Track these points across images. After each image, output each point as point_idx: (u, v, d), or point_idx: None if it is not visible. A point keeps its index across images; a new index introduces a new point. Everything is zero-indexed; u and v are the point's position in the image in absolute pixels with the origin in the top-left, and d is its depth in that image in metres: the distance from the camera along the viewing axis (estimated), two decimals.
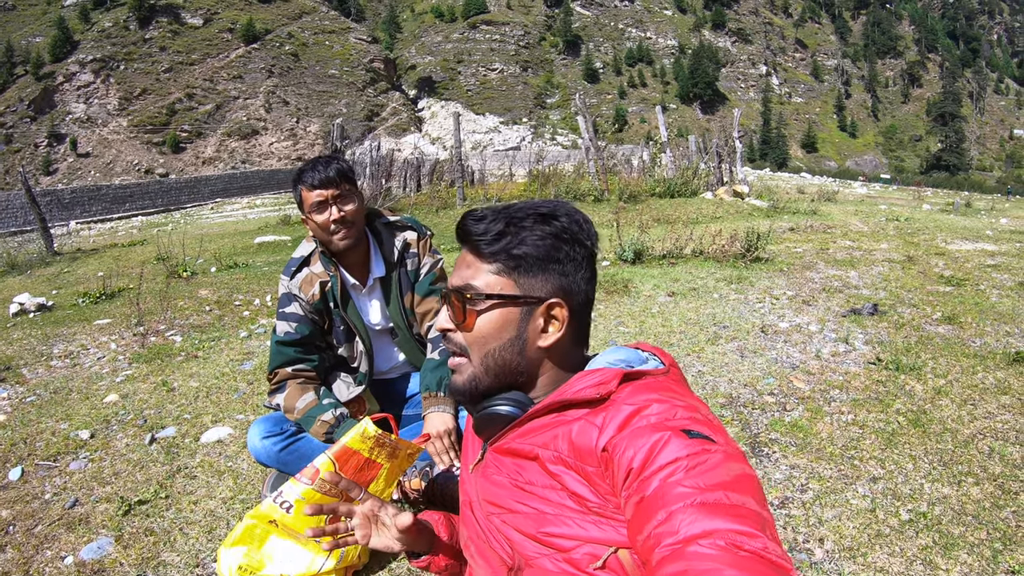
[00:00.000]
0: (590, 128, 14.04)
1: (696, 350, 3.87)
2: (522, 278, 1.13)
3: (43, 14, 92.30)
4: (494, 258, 1.13)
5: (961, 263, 6.39)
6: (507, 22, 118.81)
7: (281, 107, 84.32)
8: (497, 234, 1.13)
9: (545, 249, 1.13)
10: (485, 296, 1.12)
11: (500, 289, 1.12)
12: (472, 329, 1.14)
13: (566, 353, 1.18)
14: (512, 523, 1.08)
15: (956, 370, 3.38)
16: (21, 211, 26.79)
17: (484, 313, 1.13)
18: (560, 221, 1.14)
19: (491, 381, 1.15)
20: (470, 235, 1.15)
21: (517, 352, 1.14)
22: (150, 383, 3.90)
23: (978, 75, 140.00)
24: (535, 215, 1.14)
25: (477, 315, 1.13)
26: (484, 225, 1.14)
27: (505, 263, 1.13)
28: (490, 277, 1.13)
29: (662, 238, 7.33)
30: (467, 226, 1.16)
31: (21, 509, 2.48)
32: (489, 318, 1.13)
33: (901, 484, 2.32)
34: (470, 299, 1.13)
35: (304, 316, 2.27)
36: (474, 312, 1.13)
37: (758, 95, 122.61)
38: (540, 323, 1.14)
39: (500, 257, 1.13)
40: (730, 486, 0.85)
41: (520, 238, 1.12)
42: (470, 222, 1.15)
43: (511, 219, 1.14)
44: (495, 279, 1.13)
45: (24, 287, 8.14)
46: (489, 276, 1.13)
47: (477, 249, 1.14)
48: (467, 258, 1.17)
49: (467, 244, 1.17)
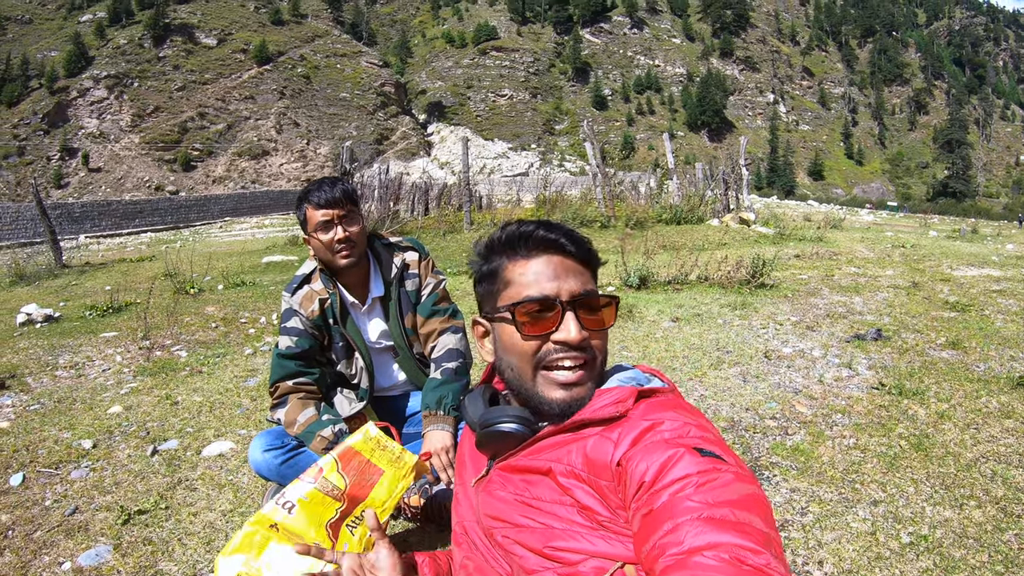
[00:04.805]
0: (597, 155, 14.11)
1: (699, 375, 3.87)
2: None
3: (59, 29, 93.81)
4: (587, 263, 1.19)
5: (966, 289, 6.38)
6: (517, 48, 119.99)
7: (292, 128, 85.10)
8: (581, 239, 1.19)
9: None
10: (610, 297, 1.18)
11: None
12: (605, 333, 1.19)
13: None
14: (517, 538, 1.09)
15: (959, 394, 3.37)
16: (32, 223, 27.04)
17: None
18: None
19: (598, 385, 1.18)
20: (557, 242, 1.17)
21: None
22: (154, 396, 3.92)
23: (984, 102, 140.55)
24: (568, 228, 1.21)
25: (615, 318, 1.19)
26: (564, 231, 1.18)
27: (595, 268, 1.21)
28: (591, 281, 1.19)
29: (667, 264, 7.34)
30: (556, 236, 1.17)
31: (21, 514, 2.49)
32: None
33: (902, 507, 2.31)
34: (618, 300, 1.19)
35: (305, 331, 2.30)
36: (615, 315, 1.19)
37: (765, 123, 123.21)
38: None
39: (592, 262, 1.20)
40: (738, 504, 0.87)
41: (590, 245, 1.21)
42: (557, 233, 1.18)
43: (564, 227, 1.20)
44: (593, 283, 1.20)
45: (32, 298, 8.20)
46: (590, 281, 1.19)
47: (571, 254, 1.17)
48: (566, 264, 1.17)
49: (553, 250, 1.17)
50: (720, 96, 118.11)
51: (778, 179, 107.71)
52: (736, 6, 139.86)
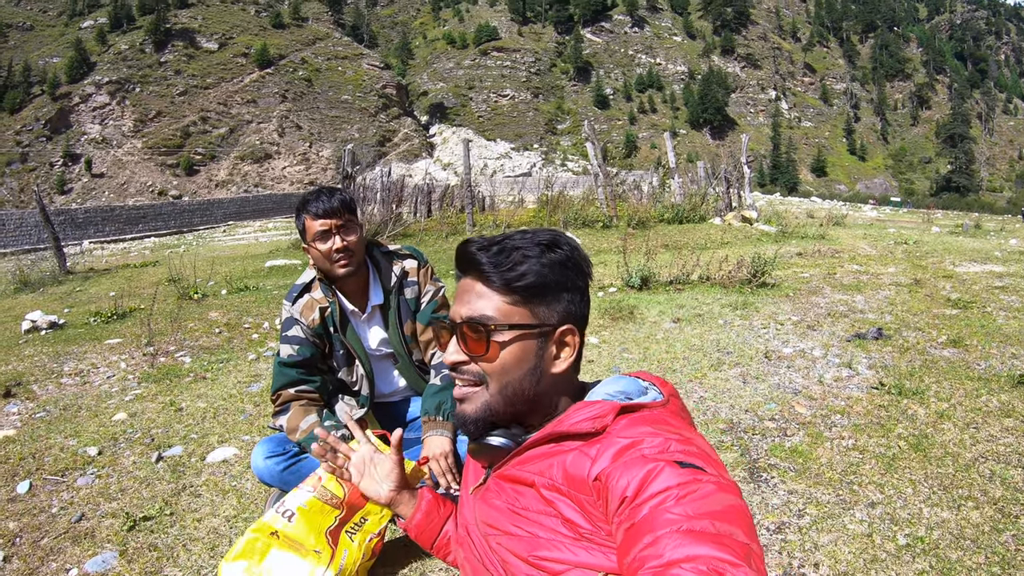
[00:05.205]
0: (599, 155, 14.10)
1: (699, 376, 3.88)
2: (537, 307, 1.13)
3: (60, 35, 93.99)
4: (507, 287, 1.12)
5: (968, 285, 6.38)
6: (518, 49, 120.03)
7: (294, 131, 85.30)
8: (509, 263, 1.12)
9: (555, 277, 1.13)
10: (508, 327, 1.12)
11: (518, 319, 1.12)
12: (495, 360, 1.13)
13: (570, 380, 1.20)
14: (507, 545, 1.10)
15: (959, 393, 3.38)
16: (35, 229, 27.10)
17: (507, 344, 1.12)
18: (563, 250, 1.16)
19: (506, 409, 1.16)
20: (478, 264, 1.14)
21: (535, 381, 1.15)
22: (158, 403, 3.95)
23: (987, 96, 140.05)
24: (539, 244, 1.14)
25: (500, 347, 1.12)
26: (491, 254, 1.13)
27: (521, 292, 1.12)
28: (505, 307, 1.12)
29: (669, 264, 7.35)
30: (472, 255, 1.15)
31: (28, 522, 2.52)
32: (511, 349, 1.12)
33: (899, 509, 2.32)
34: (494, 330, 1.12)
35: (306, 339, 2.33)
36: (497, 344, 1.12)
37: (768, 120, 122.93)
38: (553, 350, 1.15)
39: (514, 286, 1.12)
40: (718, 516, 0.87)
41: (530, 267, 1.12)
42: (475, 251, 1.14)
43: (515, 247, 1.13)
44: (511, 309, 1.13)
45: (36, 305, 8.23)
46: (504, 306, 1.12)
47: (486, 278, 1.13)
48: (475, 287, 1.15)
49: (472, 273, 1.16)
50: (722, 94, 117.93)
51: (781, 176, 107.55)
52: (736, 3, 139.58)
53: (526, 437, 1.16)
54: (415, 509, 1.49)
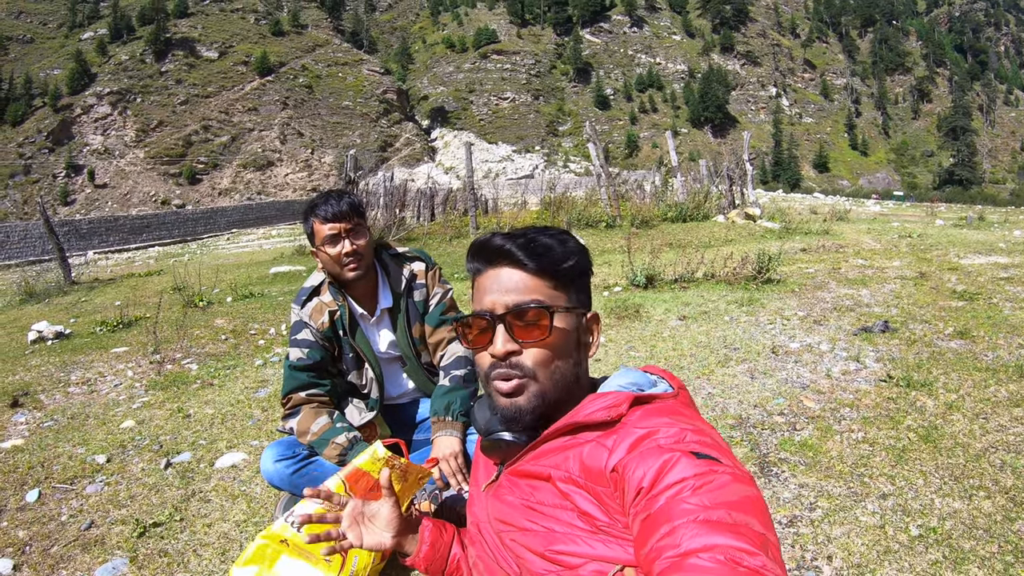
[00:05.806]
0: (601, 155, 14.11)
1: (706, 372, 3.87)
2: (571, 291, 1.15)
3: (61, 47, 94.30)
4: (547, 272, 1.12)
5: (974, 277, 6.36)
6: (517, 51, 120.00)
7: (296, 138, 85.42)
8: (544, 248, 1.12)
9: (581, 263, 1.16)
10: (565, 308, 1.13)
11: (563, 302, 1.13)
12: (549, 344, 1.12)
13: (587, 369, 1.21)
14: (522, 541, 1.10)
15: (968, 384, 3.37)
16: (40, 241, 27.23)
17: (559, 329, 1.12)
18: (577, 240, 1.18)
19: (556, 396, 1.14)
20: (510, 253, 1.13)
21: (576, 364, 1.16)
22: (166, 410, 3.95)
23: (987, 88, 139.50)
24: (556, 233, 1.16)
25: (557, 331, 1.12)
26: (521, 243, 1.13)
27: (561, 277, 1.13)
28: (550, 291, 1.12)
29: (674, 263, 7.34)
30: (500, 245, 1.14)
31: (38, 530, 2.52)
32: (561, 333, 1.12)
33: (911, 500, 2.31)
34: (554, 311, 1.11)
35: (315, 342, 2.32)
36: (557, 328, 1.12)
37: (769, 117, 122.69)
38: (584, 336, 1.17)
39: (556, 270, 1.13)
40: (734, 506, 0.88)
41: (565, 251, 1.13)
42: (502, 241, 1.14)
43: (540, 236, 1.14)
44: (555, 293, 1.13)
45: (42, 315, 8.26)
46: (548, 290, 1.12)
47: (523, 265, 1.12)
48: (512, 276, 1.14)
49: (504, 262, 1.14)
50: (722, 91, 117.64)
51: (783, 172, 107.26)
52: (735, 0, 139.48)
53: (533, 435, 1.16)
54: (419, 542, 1.42)
